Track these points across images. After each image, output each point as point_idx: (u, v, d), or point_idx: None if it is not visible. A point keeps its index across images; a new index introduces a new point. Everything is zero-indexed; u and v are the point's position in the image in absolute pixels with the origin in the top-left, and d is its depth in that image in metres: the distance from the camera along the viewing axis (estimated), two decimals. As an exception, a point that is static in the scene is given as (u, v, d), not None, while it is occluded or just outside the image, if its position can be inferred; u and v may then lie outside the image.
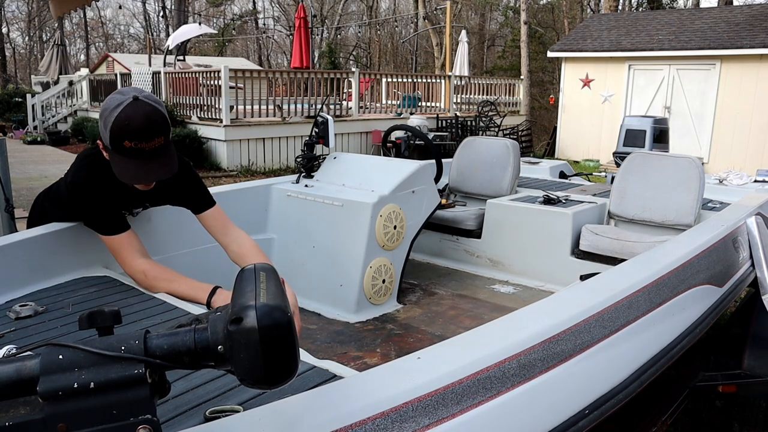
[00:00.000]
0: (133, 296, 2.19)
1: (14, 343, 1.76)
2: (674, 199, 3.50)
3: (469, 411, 1.11)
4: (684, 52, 13.15)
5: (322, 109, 4.01)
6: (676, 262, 1.79)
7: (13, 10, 41.14)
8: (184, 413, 1.38)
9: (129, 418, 0.81)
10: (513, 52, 30.34)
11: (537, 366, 1.26)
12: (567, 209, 3.62)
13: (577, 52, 14.87)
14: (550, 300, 1.55)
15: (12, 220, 4.50)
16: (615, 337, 1.48)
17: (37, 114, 16.89)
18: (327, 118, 3.61)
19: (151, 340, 0.87)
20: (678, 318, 1.72)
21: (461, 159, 4.43)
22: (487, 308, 3.33)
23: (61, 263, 2.41)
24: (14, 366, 0.83)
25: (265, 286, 0.90)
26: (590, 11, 28.81)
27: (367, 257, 3.15)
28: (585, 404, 1.33)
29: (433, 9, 29.85)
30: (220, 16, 39.28)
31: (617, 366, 1.48)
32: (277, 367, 0.84)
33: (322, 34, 36.14)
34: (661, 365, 1.59)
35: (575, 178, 5.17)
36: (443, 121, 13.79)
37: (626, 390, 1.45)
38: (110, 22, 45.35)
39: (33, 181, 9.57)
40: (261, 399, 1.44)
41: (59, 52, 21.12)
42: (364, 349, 2.79)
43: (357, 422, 0.98)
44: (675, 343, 1.67)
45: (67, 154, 13.67)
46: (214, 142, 11.30)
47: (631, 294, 1.58)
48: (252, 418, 1.00)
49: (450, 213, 4.06)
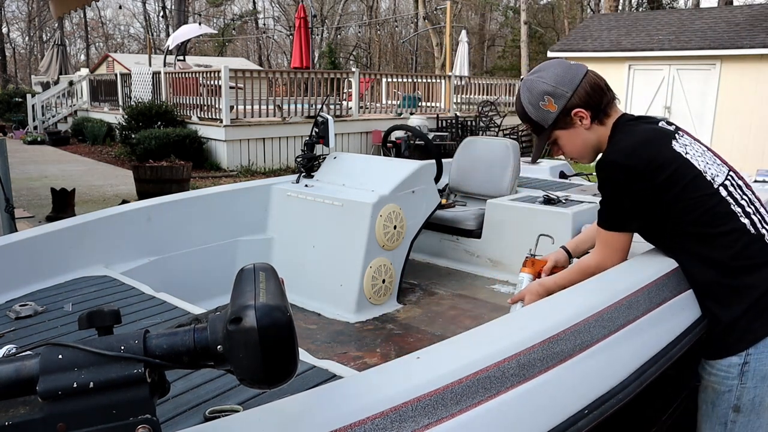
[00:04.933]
0: (133, 296, 2.20)
1: (14, 342, 1.76)
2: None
3: (469, 411, 1.11)
4: (684, 52, 13.15)
5: (322, 109, 4.01)
6: (676, 262, 1.79)
7: (13, 10, 41.19)
8: (184, 413, 1.38)
9: (128, 418, 0.81)
10: (513, 52, 30.35)
11: (536, 366, 1.26)
12: (567, 209, 3.62)
13: (577, 52, 14.87)
14: (549, 300, 1.55)
15: (12, 220, 4.50)
16: (615, 337, 1.48)
17: (37, 114, 16.89)
18: (327, 118, 3.61)
19: (150, 339, 0.87)
20: (678, 318, 1.72)
21: (461, 159, 4.43)
22: (487, 308, 3.33)
23: (61, 263, 2.41)
24: (14, 366, 0.83)
25: (264, 285, 0.90)
26: (590, 11, 28.81)
27: (367, 257, 3.15)
28: (584, 404, 1.33)
29: (433, 9, 29.85)
30: (220, 16, 39.30)
31: (617, 366, 1.47)
32: (277, 366, 0.84)
33: (322, 34, 36.14)
34: (661, 365, 1.59)
35: (575, 178, 5.17)
36: (443, 121, 13.79)
37: (626, 390, 1.44)
38: (110, 22, 45.39)
39: (33, 181, 9.57)
40: (260, 399, 1.44)
41: (59, 52, 21.16)
42: (364, 349, 2.79)
43: (357, 422, 0.98)
44: (675, 342, 1.66)
45: (67, 155, 13.68)
46: (214, 142, 11.30)
47: (631, 294, 1.58)
48: (251, 417, 1.00)
49: (450, 213, 4.06)
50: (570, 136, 1.81)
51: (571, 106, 1.76)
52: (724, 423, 1.73)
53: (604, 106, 1.78)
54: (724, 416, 1.72)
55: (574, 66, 1.79)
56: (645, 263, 1.80)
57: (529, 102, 1.80)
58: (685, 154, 1.72)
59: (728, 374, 1.69)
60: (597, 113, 1.78)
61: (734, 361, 1.67)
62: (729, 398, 1.70)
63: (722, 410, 1.73)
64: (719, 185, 1.70)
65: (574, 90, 1.75)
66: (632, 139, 1.73)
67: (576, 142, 1.82)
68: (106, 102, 16.61)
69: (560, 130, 1.81)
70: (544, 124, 1.80)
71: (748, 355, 1.67)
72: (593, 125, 1.79)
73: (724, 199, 1.68)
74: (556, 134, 1.82)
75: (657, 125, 1.81)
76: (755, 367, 1.66)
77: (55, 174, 10.34)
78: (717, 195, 1.68)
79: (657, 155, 1.69)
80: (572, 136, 1.81)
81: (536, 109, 1.79)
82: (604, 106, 1.78)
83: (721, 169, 1.76)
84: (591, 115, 1.77)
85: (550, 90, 1.76)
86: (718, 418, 1.74)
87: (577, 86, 1.75)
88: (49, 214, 6.98)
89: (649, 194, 1.69)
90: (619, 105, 1.87)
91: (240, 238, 3.32)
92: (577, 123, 1.78)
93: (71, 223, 2.52)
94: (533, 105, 1.80)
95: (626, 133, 1.75)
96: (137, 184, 7.83)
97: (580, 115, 1.77)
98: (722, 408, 1.72)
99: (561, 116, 1.77)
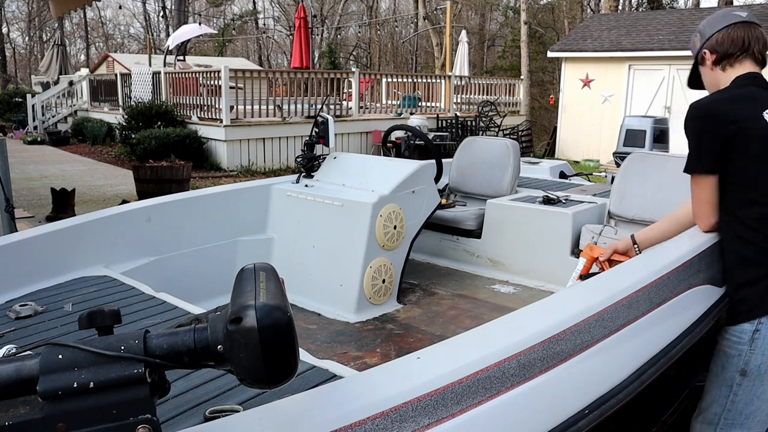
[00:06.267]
0: (133, 296, 2.20)
1: (14, 342, 1.76)
2: (675, 199, 3.50)
3: (469, 411, 1.11)
4: (684, 52, 13.12)
5: (322, 109, 4.01)
6: (676, 262, 1.79)
7: (13, 10, 41.17)
8: (184, 413, 1.38)
9: (129, 418, 0.81)
10: (513, 52, 30.34)
11: (537, 366, 1.26)
12: (567, 209, 3.62)
13: (577, 52, 14.86)
14: (550, 300, 1.55)
15: (12, 220, 4.50)
16: (615, 337, 1.48)
17: (37, 114, 16.89)
18: (327, 118, 3.61)
19: (150, 339, 0.87)
20: (678, 318, 1.72)
21: (461, 159, 4.43)
22: (487, 308, 3.33)
23: (61, 263, 2.41)
24: (14, 366, 0.83)
25: (264, 285, 0.90)
26: (590, 11, 28.80)
27: (367, 257, 3.15)
28: (585, 404, 1.33)
29: (433, 9, 29.85)
30: (220, 16, 39.29)
31: (617, 366, 1.47)
32: (277, 366, 0.84)
33: (322, 34, 36.14)
34: (661, 365, 1.59)
35: (575, 178, 5.17)
36: (443, 121, 13.78)
37: (626, 390, 1.44)
38: (110, 22, 45.36)
39: (33, 181, 9.57)
40: (261, 399, 1.44)
41: (59, 52, 21.15)
42: (364, 349, 2.79)
43: (357, 422, 0.98)
44: (675, 343, 1.66)
45: (67, 155, 13.67)
46: (214, 142, 11.30)
47: (631, 294, 1.58)
48: (252, 417, 1.00)
49: (450, 213, 4.06)
50: (703, 72, 2.09)
51: (703, 47, 2.04)
52: (730, 386, 1.88)
53: (731, 57, 1.99)
54: (731, 379, 1.87)
55: (727, 16, 2.02)
56: (645, 263, 1.80)
57: (692, 36, 2.13)
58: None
59: (740, 339, 1.85)
60: (721, 59, 2.00)
61: (747, 327, 1.84)
62: (738, 362, 1.86)
63: (730, 373, 1.87)
64: None
65: (711, 35, 2.01)
66: (725, 93, 1.97)
67: (706, 78, 2.09)
68: (106, 102, 16.61)
69: (699, 65, 2.10)
70: (694, 57, 2.11)
71: (760, 323, 1.83)
72: (716, 68, 2.02)
73: None
74: (700, 68, 2.10)
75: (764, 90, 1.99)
76: (765, 336, 1.82)
77: (55, 174, 10.34)
78: None
79: (737, 112, 1.87)
80: (704, 72, 2.08)
81: (691, 43, 2.13)
82: (730, 56, 1.99)
83: None
84: (715, 59, 2.01)
85: (700, 29, 2.07)
86: (725, 380, 1.89)
87: (715, 32, 2.00)
88: (49, 214, 6.98)
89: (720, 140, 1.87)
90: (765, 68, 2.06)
91: (240, 238, 3.32)
92: (705, 61, 2.05)
93: (71, 223, 2.52)
94: (691, 39, 2.13)
95: (728, 89, 1.98)
96: (137, 184, 7.82)
97: (705, 56, 2.04)
98: (730, 371, 1.87)
99: (699, 52, 2.06)
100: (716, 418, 1.92)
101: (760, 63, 2.01)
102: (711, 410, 1.94)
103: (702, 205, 1.97)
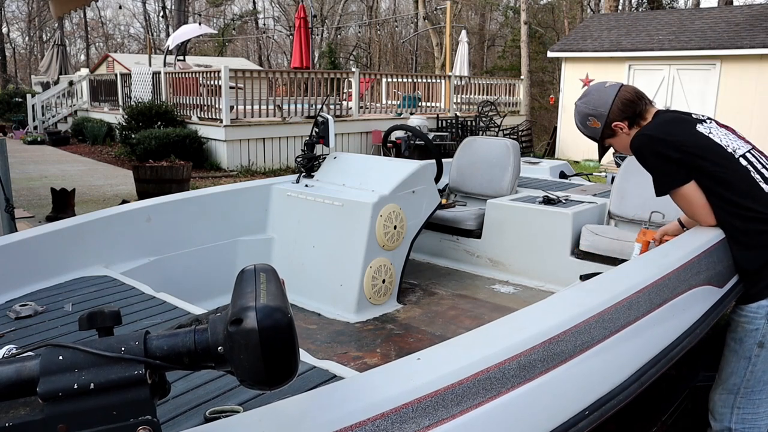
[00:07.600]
0: (133, 296, 2.20)
1: (14, 343, 1.76)
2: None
3: (470, 412, 1.11)
4: (684, 52, 13.14)
5: (322, 109, 4.00)
6: (676, 263, 1.79)
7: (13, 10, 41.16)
8: (184, 413, 1.38)
9: (129, 419, 0.81)
10: (513, 52, 30.34)
11: (537, 367, 1.26)
12: (567, 209, 3.62)
13: (577, 52, 14.86)
14: (550, 300, 1.55)
15: (12, 220, 4.50)
16: (615, 338, 1.48)
17: (37, 114, 16.88)
18: (327, 118, 3.61)
19: (151, 340, 0.87)
20: (678, 319, 1.72)
21: (461, 159, 4.43)
22: (487, 308, 3.33)
23: (61, 263, 2.41)
24: (14, 366, 0.83)
25: (265, 287, 0.90)
26: (590, 11, 28.80)
27: (367, 257, 3.15)
28: (585, 405, 1.33)
29: (433, 9, 29.84)
30: (220, 16, 39.28)
31: (617, 366, 1.47)
32: (277, 367, 0.84)
33: (322, 34, 36.14)
34: (661, 366, 1.59)
35: (575, 178, 5.17)
36: (443, 121, 13.78)
37: (627, 390, 1.45)
38: (110, 22, 45.35)
39: (33, 181, 9.57)
40: (261, 399, 1.44)
41: (59, 52, 21.14)
42: (364, 349, 2.79)
43: (357, 423, 0.98)
44: (675, 343, 1.67)
45: (67, 155, 13.67)
46: (214, 142, 11.30)
47: (632, 295, 1.58)
48: (252, 418, 1.00)
49: (450, 213, 4.06)
50: (617, 141, 2.24)
51: (610, 121, 2.19)
52: (748, 357, 2.04)
53: (638, 113, 2.19)
54: (749, 351, 2.04)
55: (609, 88, 2.21)
56: (646, 263, 1.80)
57: (580, 122, 2.28)
58: (708, 134, 2.09)
59: (757, 314, 2.01)
60: (633, 120, 2.19)
61: (763, 303, 2.01)
62: (755, 335, 2.02)
63: (748, 345, 2.04)
64: (740, 156, 2.07)
65: (609, 109, 2.18)
66: (655, 121, 2.16)
67: (624, 143, 2.23)
68: (106, 102, 16.60)
69: (609, 138, 2.25)
70: (596, 137, 2.26)
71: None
72: (633, 129, 2.19)
73: (744, 166, 2.05)
74: (607, 141, 2.26)
75: (684, 113, 2.21)
76: None
77: (55, 174, 10.34)
78: (738, 162, 2.04)
79: (677, 131, 2.08)
80: (619, 140, 2.24)
81: (586, 128, 2.27)
82: (638, 113, 2.19)
83: (744, 144, 2.15)
84: (629, 123, 2.19)
85: (591, 112, 2.22)
86: (744, 352, 2.05)
87: (611, 105, 2.17)
88: (49, 214, 6.98)
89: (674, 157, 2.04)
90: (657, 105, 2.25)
91: (240, 238, 3.32)
92: (618, 131, 2.21)
93: (71, 223, 2.52)
94: (583, 125, 2.27)
95: (653, 120, 2.17)
96: (137, 184, 7.82)
97: (619, 126, 2.19)
98: (748, 344, 2.03)
99: (605, 129, 2.21)
100: (735, 388, 2.08)
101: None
102: (730, 381, 2.09)
103: (696, 210, 2.12)
